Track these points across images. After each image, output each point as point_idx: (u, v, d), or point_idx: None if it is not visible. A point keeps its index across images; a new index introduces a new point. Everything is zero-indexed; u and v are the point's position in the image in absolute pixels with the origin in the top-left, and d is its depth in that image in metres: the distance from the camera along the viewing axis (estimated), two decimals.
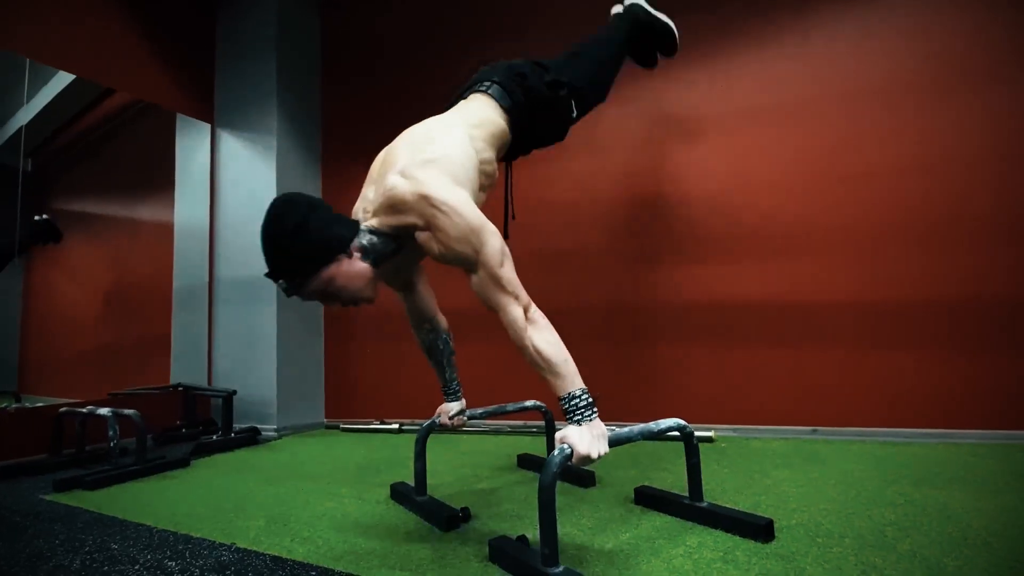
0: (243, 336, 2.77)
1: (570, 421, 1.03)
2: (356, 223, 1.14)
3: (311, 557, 1.14)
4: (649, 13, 1.81)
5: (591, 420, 1.03)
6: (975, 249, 1.82)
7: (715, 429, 2.06)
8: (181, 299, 3.04)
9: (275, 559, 1.14)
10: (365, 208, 1.19)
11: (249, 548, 1.20)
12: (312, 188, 3.02)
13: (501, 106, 1.38)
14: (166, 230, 3.18)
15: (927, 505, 1.23)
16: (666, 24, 1.82)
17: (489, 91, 1.39)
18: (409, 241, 1.15)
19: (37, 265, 3.16)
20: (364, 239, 1.12)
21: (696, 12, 2.23)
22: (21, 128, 2.88)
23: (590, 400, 1.04)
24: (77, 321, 3.42)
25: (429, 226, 1.08)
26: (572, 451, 0.98)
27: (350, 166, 3.02)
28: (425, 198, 1.07)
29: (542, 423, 1.77)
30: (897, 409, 1.87)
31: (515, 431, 2.39)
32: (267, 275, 1.10)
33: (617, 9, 1.86)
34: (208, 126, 3.00)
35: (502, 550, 1.06)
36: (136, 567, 1.13)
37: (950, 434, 1.79)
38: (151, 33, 2.79)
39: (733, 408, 2.09)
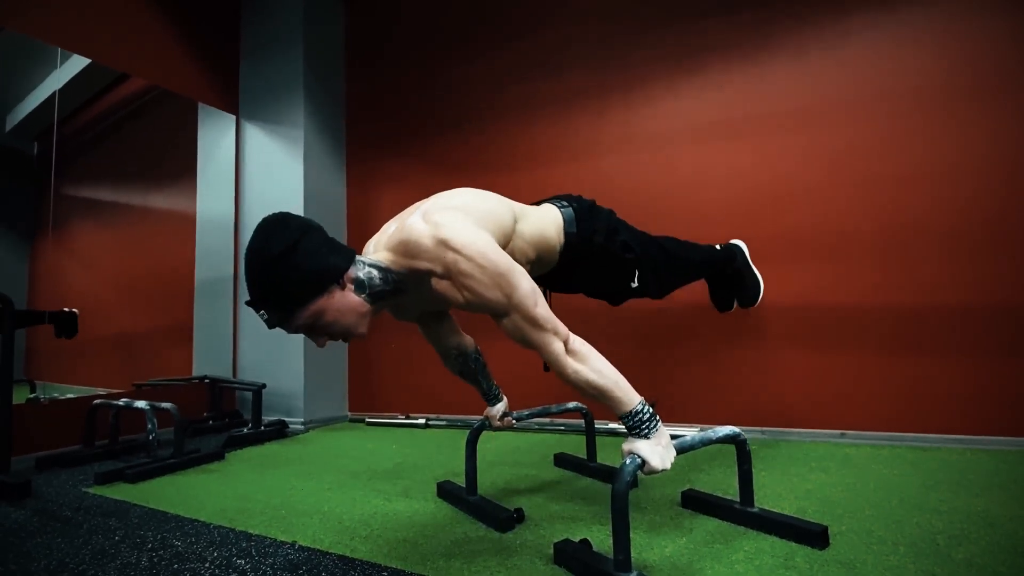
0: (269, 329, 2.77)
1: (636, 435, 1.05)
2: (352, 252, 1.04)
3: (376, 556, 1.17)
4: (747, 261, 1.90)
5: (657, 431, 1.05)
6: (1008, 255, 1.84)
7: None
8: (203, 291, 3.04)
9: (343, 559, 1.16)
10: (379, 241, 1.15)
11: (313, 547, 1.23)
12: (338, 181, 3.02)
13: (565, 229, 1.34)
14: (183, 220, 3.17)
15: (971, 513, 1.27)
16: (756, 280, 1.88)
17: (562, 210, 1.36)
18: (419, 286, 1.08)
19: (44, 251, 3.14)
20: (361, 271, 1.03)
21: (731, 12, 2.24)
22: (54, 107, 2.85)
23: (651, 411, 1.06)
24: (88, 309, 3.42)
25: (450, 273, 1.01)
26: (644, 462, 1.01)
27: (374, 158, 3.02)
28: (444, 242, 0.99)
29: (571, 421, 1.80)
30: (925, 414, 1.91)
31: (543, 428, 2.42)
32: (249, 303, 0.98)
33: (717, 246, 1.91)
34: (233, 117, 2.99)
35: (569, 553, 1.08)
36: (206, 565, 1.15)
37: (978, 440, 1.83)
38: (173, 20, 2.76)
39: (760, 410, 2.13)
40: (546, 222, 1.33)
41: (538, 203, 1.45)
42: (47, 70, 2.84)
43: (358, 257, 1.05)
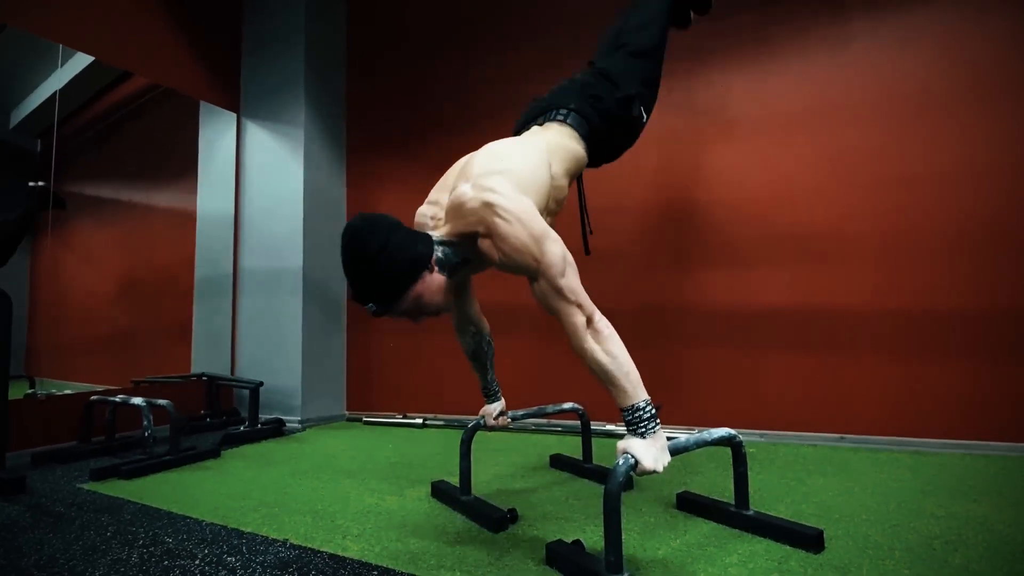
0: (267, 327, 2.77)
1: (632, 432, 1.04)
2: (430, 237, 1.15)
3: (367, 556, 1.16)
4: None
5: (654, 432, 1.04)
6: (1009, 258, 1.83)
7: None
8: (203, 288, 3.04)
9: (333, 557, 1.15)
10: (435, 215, 1.23)
11: (304, 545, 1.22)
12: (338, 180, 3.02)
13: (580, 134, 1.40)
14: (183, 218, 3.17)
15: (968, 518, 1.26)
16: None
17: (568, 120, 1.40)
18: (474, 250, 1.16)
19: (46, 247, 3.14)
20: (439, 251, 1.13)
21: (734, 14, 2.23)
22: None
23: (653, 412, 1.05)
24: (88, 305, 3.42)
25: (490, 233, 1.09)
26: (637, 462, 1.00)
27: (374, 158, 3.02)
28: (488, 205, 1.08)
29: (568, 422, 1.79)
30: (924, 419, 1.90)
31: (539, 429, 2.41)
32: (354, 299, 1.11)
33: None
34: (234, 115, 2.99)
35: (561, 554, 1.08)
36: (196, 562, 1.14)
37: (977, 445, 1.82)
38: (175, 18, 2.76)
39: (760, 413, 2.12)
40: (568, 145, 1.37)
41: (537, 120, 1.45)
42: (50, 68, 2.85)
43: (433, 237, 1.15)
